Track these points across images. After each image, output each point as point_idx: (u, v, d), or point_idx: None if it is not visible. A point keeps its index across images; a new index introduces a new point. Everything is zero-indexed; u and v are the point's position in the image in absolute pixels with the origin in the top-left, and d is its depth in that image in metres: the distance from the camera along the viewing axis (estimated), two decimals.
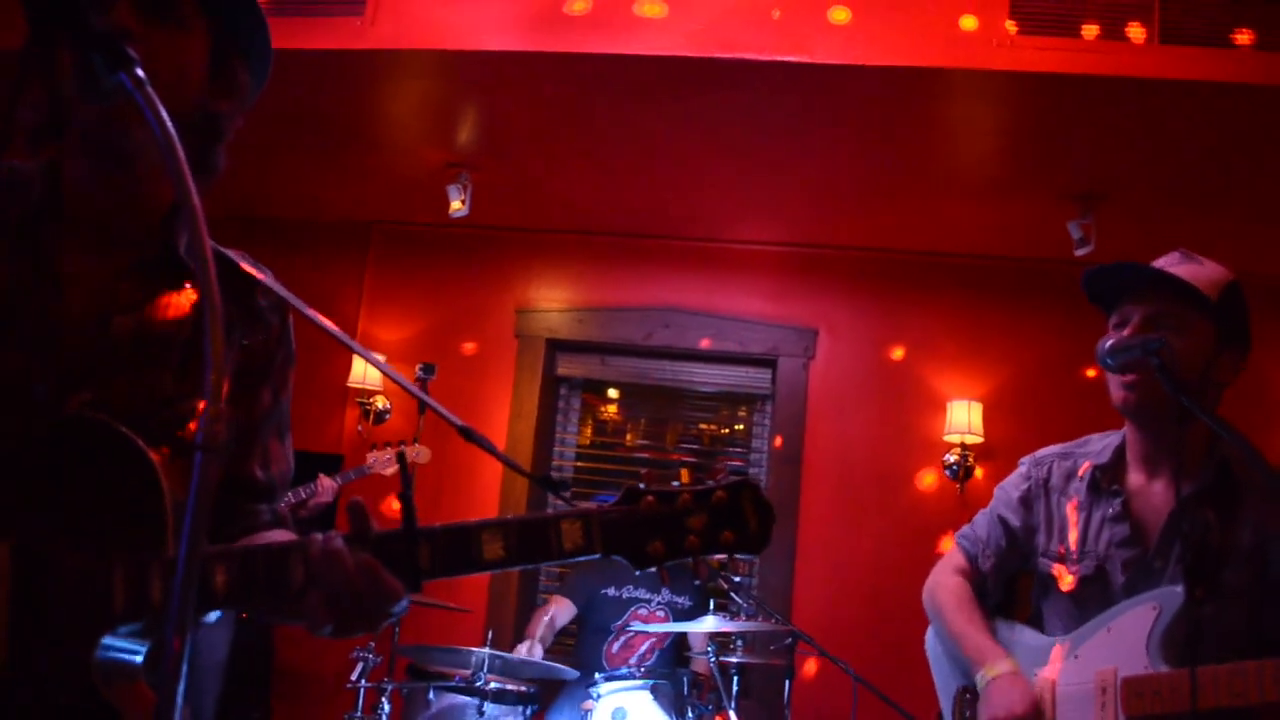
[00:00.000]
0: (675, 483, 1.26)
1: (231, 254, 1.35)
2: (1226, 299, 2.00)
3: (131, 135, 1.24)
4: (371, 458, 4.68)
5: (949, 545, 2.44)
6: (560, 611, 4.53)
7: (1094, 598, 2.06)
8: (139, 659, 1.16)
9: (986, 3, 3.68)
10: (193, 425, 1.26)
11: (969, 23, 3.67)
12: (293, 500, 4.34)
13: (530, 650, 4.25)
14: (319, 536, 1.17)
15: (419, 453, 4.74)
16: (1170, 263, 2.05)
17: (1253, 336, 2.05)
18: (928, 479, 5.11)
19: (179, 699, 0.88)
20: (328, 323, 1.34)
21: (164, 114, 1.00)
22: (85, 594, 1.11)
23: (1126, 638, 1.95)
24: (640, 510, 1.23)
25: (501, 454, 1.31)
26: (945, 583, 2.32)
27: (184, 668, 0.88)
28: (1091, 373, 4.75)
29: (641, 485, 1.25)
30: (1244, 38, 3.56)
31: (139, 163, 1.28)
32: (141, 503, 1.14)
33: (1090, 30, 3.63)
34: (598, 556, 1.21)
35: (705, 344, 5.39)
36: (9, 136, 1.14)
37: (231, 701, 4.63)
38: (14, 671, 1.09)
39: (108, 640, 1.11)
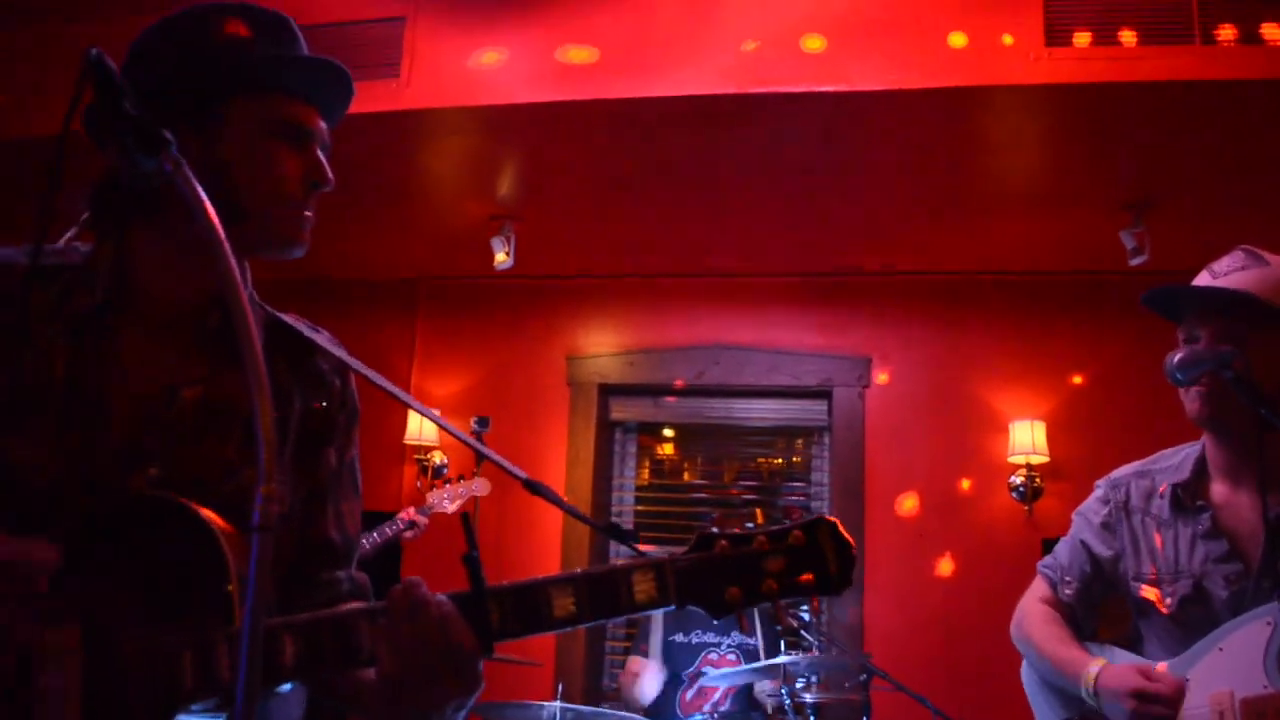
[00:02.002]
0: (749, 524, 1.20)
1: (287, 318, 1.36)
2: None
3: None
4: (432, 496, 4.59)
5: (1021, 569, 2.36)
6: (655, 673, 4.42)
7: (1197, 618, 1.96)
8: None
9: (1021, 18, 3.63)
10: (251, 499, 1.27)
11: (1005, 39, 3.63)
12: (378, 539, 4.30)
13: (641, 692, 4.25)
14: (399, 585, 1.14)
15: (479, 485, 4.61)
16: (1232, 265, 1.97)
17: None
18: (994, 502, 5.00)
19: None
20: (385, 381, 1.34)
21: (202, 195, 1.01)
22: (155, 672, 1.11)
23: (1241, 657, 1.85)
24: (715, 556, 1.17)
25: (566, 503, 1.27)
26: (1031, 611, 2.24)
27: None
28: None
29: (714, 529, 1.19)
30: None
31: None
32: (207, 577, 1.14)
33: (1128, 36, 3.58)
34: (672, 608, 1.17)
35: (756, 379, 5.35)
36: (48, 222, 1.14)
37: None
38: None
39: (183, 718, 1.11)
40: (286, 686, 1.23)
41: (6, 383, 1.24)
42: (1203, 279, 2.00)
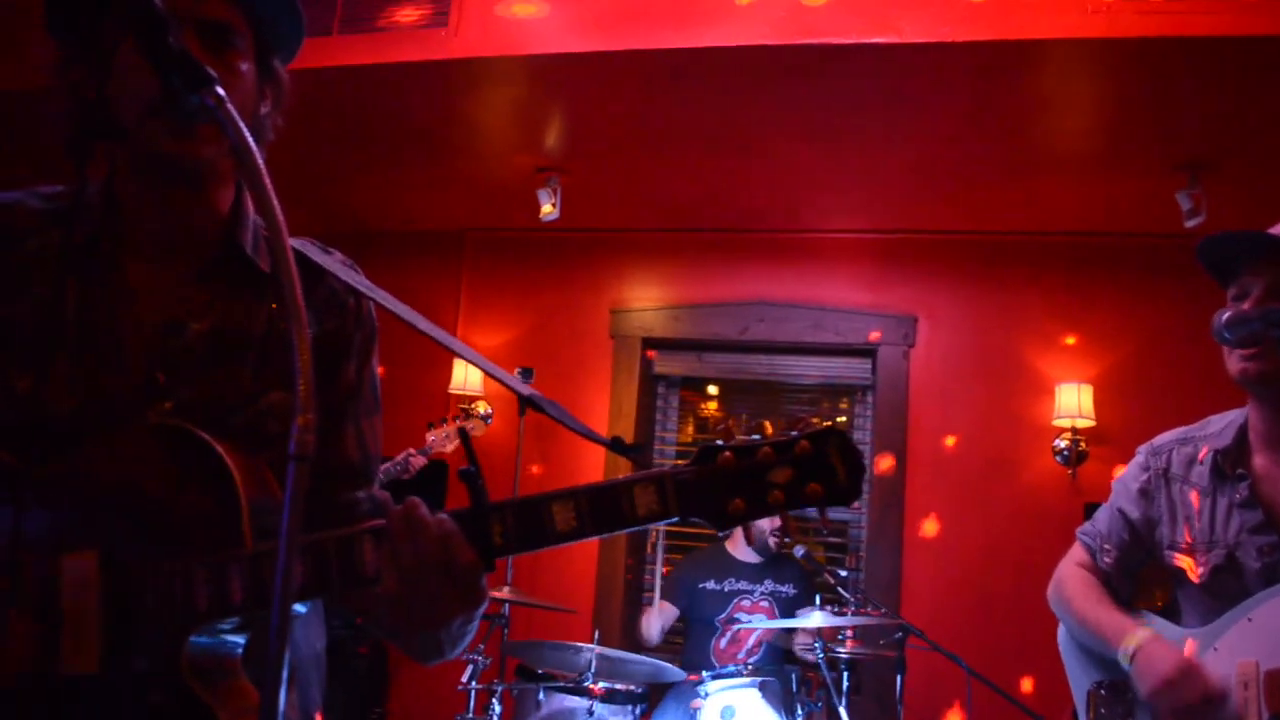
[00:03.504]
0: (756, 436, 1.17)
1: (300, 244, 1.36)
2: None
3: (202, 155, 1.26)
4: (430, 436, 4.69)
5: (1063, 534, 2.35)
6: (663, 615, 4.55)
7: (1228, 587, 1.94)
8: (238, 652, 1.19)
9: None
10: (272, 422, 1.29)
11: None
12: (382, 479, 4.44)
13: (648, 629, 4.37)
14: (399, 507, 1.15)
15: (473, 426, 4.68)
16: None
17: None
18: (1038, 466, 4.96)
19: (282, 695, 0.89)
20: (400, 306, 1.33)
21: (245, 131, 1.02)
22: (170, 595, 1.14)
23: (1269, 628, 1.84)
24: (717, 468, 1.14)
25: (569, 418, 1.26)
26: (1069, 575, 2.24)
27: (285, 664, 0.90)
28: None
29: (719, 442, 1.17)
30: None
31: (207, 179, 1.32)
32: (218, 503, 1.16)
33: None
34: (675, 520, 1.15)
35: (802, 336, 5.33)
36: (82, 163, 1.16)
37: (355, 699, 4.76)
38: (108, 674, 1.13)
39: (197, 639, 1.14)
40: (298, 609, 1.26)
41: (22, 319, 1.26)
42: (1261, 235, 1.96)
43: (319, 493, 1.33)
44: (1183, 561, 2.03)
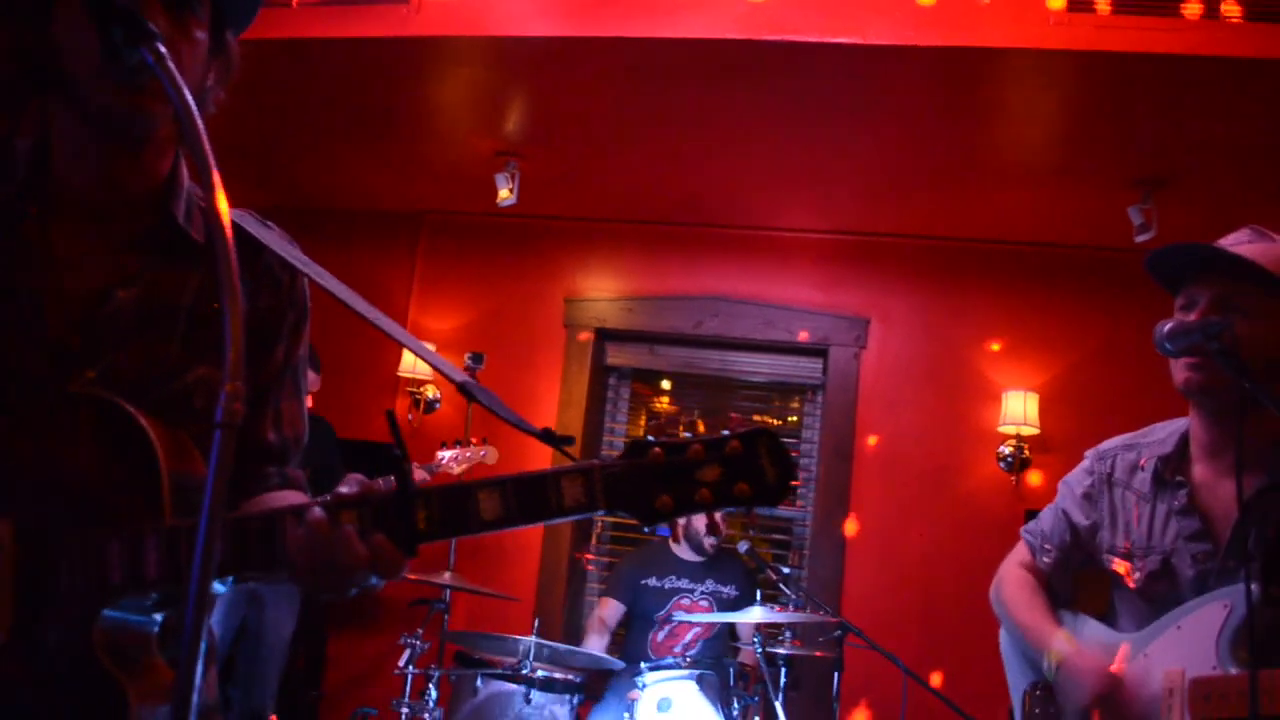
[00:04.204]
0: (688, 433, 1.17)
1: (236, 213, 1.31)
2: None
3: (150, 111, 1.22)
4: (442, 454, 4.69)
5: (1004, 539, 2.38)
6: (608, 613, 4.56)
7: (1163, 593, 1.98)
8: (153, 629, 1.16)
9: None
10: (198, 396, 1.26)
11: (1026, 0, 3.57)
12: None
13: (594, 645, 4.38)
14: (318, 510, 1.15)
15: (487, 453, 4.74)
16: (1239, 240, 1.96)
17: None
18: (982, 471, 5.01)
19: (198, 675, 0.87)
20: (338, 284, 1.31)
21: (186, 91, 1.01)
22: (84, 567, 1.11)
23: (1196, 637, 1.86)
24: (646, 463, 1.14)
25: (501, 407, 1.25)
26: (1009, 577, 2.28)
27: (202, 642, 0.87)
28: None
29: (650, 437, 1.17)
30: None
31: (149, 141, 1.27)
32: (138, 475, 1.14)
33: (1153, 7, 3.52)
34: (602, 513, 1.14)
35: (753, 333, 5.34)
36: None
37: (289, 680, 4.72)
38: (16, 643, 1.11)
39: (110, 612, 1.11)
40: (217, 588, 1.24)
41: None
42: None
43: (233, 469, 1.32)
44: (1120, 566, 2.06)
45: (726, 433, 1.16)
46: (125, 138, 1.25)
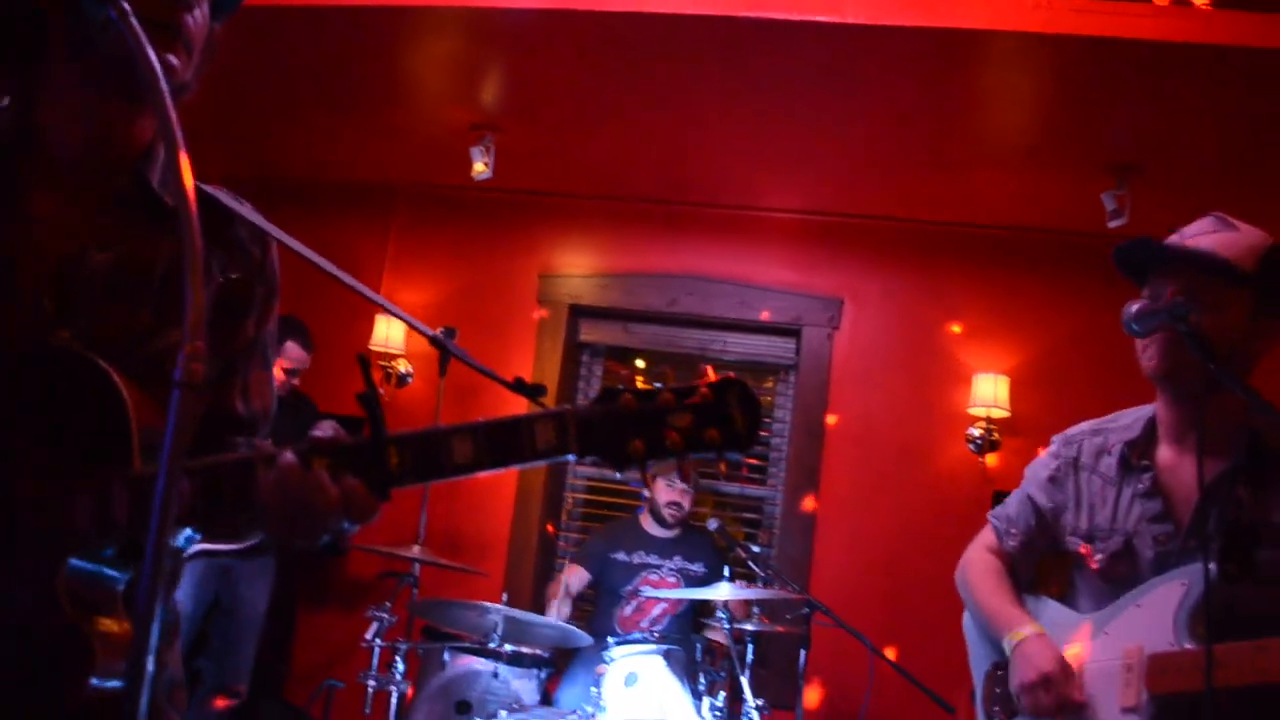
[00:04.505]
0: (658, 384, 1.20)
1: (210, 189, 1.33)
2: (1266, 266, 1.91)
3: (185, 25, 1.24)
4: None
5: (971, 520, 2.40)
6: (574, 579, 4.55)
7: (1124, 574, 2.02)
8: (119, 586, 1.16)
9: None
10: (170, 362, 1.25)
11: None
12: None
13: (557, 610, 4.32)
14: (289, 457, 1.16)
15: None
16: (1203, 229, 1.98)
17: None
18: (951, 452, 5.05)
19: (154, 627, 0.87)
20: (309, 252, 1.31)
21: (148, 47, 1.01)
22: (51, 516, 1.11)
23: (1155, 614, 1.90)
24: (619, 407, 1.17)
25: (470, 359, 1.28)
26: (974, 559, 2.32)
27: (159, 598, 0.87)
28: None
29: (621, 386, 1.20)
30: None
31: (130, 100, 1.27)
32: (109, 430, 1.14)
33: None
34: (573, 457, 1.17)
35: (728, 312, 5.34)
36: None
37: (261, 654, 4.71)
38: None
39: (77, 563, 1.11)
40: (182, 537, 1.24)
41: None
42: (1172, 241, 2.01)
43: (201, 439, 1.32)
44: (1083, 548, 2.09)
45: (696, 382, 1.19)
46: (128, 96, 1.25)
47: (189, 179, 0.95)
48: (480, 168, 4.75)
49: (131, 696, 0.84)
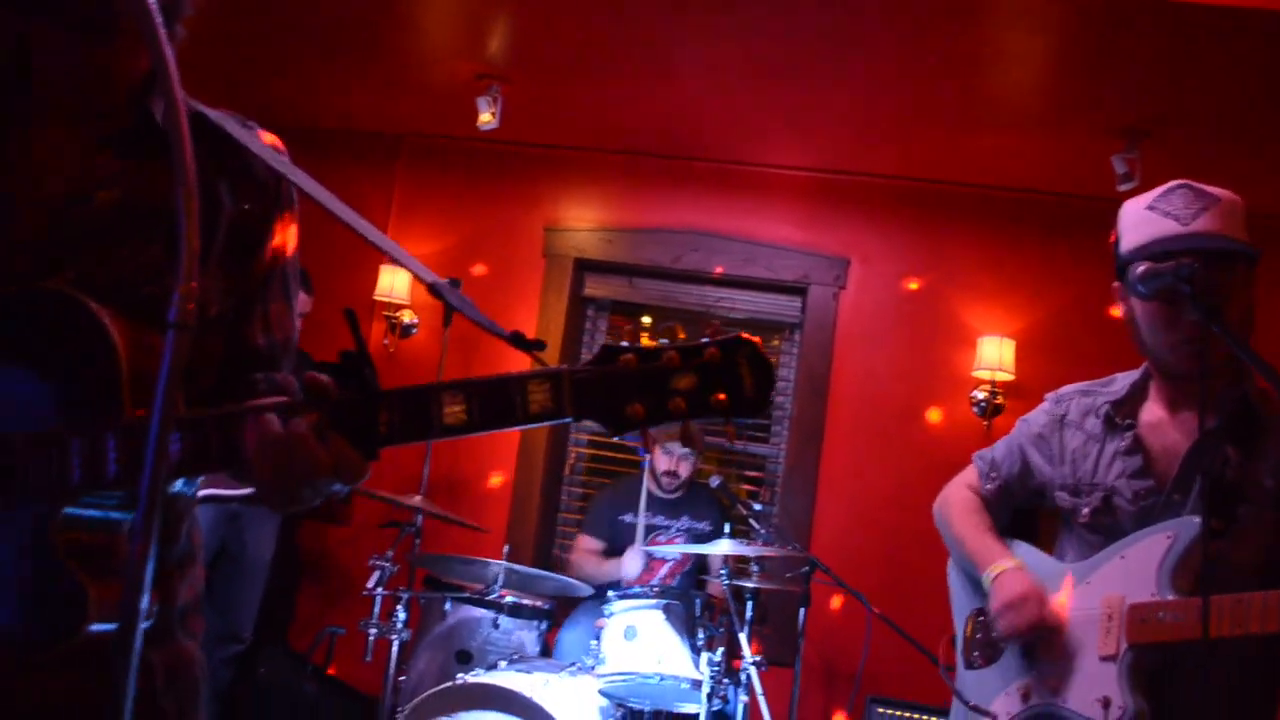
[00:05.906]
0: (663, 340, 1.12)
1: (216, 114, 1.28)
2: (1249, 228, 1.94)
3: (110, 5, 1.18)
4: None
5: None
6: (588, 548, 4.59)
7: (1107, 528, 2.06)
8: (119, 531, 1.14)
9: None
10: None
11: None
12: None
13: (595, 569, 4.45)
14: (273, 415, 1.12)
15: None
16: (1188, 205, 1.93)
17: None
18: (954, 414, 5.05)
19: (148, 577, 0.87)
20: (322, 191, 1.28)
21: None
22: (43, 464, 1.09)
23: (1138, 566, 1.95)
24: (618, 369, 1.09)
25: (472, 309, 1.21)
26: (955, 497, 2.35)
27: (153, 544, 0.86)
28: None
29: (624, 343, 1.12)
30: None
31: (118, 35, 1.23)
32: (99, 373, 1.11)
33: None
34: (569, 420, 1.10)
35: (728, 269, 5.32)
36: None
37: (266, 602, 4.75)
38: None
39: (72, 510, 1.09)
40: (176, 486, 1.22)
41: None
42: (1169, 226, 1.95)
43: (225, 376, 1.31)
44: (1068, 502, 2.14)
45: (705, 339, 1.11)
46: (96, 31, 1.21)
47: (184, 114, 0.92)
48: (487, 118, 4.72)
49: (123, 638, 0.83)
